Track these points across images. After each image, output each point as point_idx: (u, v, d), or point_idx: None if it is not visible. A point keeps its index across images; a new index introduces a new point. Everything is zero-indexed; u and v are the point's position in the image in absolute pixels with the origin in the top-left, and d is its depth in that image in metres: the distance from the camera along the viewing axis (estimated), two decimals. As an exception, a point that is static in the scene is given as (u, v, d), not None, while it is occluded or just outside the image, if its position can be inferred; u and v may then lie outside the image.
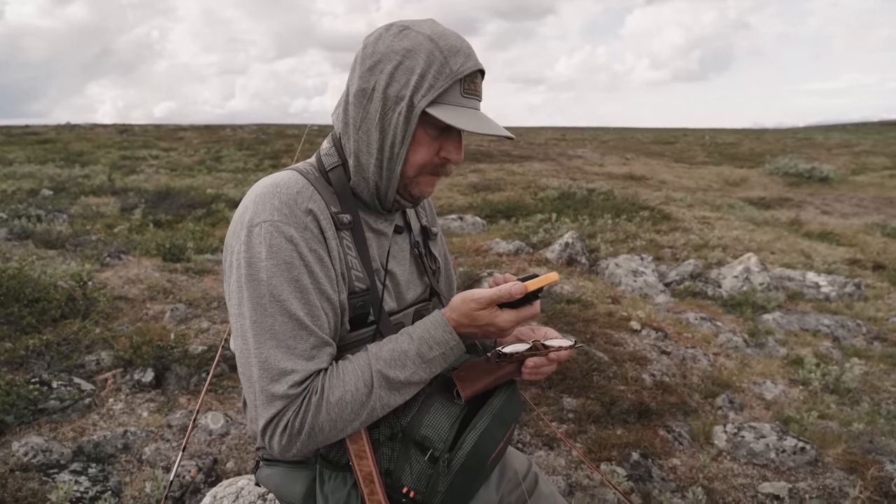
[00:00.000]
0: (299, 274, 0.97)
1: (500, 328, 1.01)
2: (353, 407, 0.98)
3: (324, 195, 1.05)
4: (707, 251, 7.10)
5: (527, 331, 1.20)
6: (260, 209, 0.99)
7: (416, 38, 1.00)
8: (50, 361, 3.40)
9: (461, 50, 1.01)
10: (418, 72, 0.98)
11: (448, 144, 1.06)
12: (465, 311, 1.01)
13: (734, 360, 4.22)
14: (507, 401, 1.11)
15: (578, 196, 10.39)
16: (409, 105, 0.99)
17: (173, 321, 4.24)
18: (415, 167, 1.05)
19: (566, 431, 3.11)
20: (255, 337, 0.96)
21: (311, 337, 0.98)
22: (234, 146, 19.12)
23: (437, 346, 1.01)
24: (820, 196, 13.26)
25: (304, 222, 1.00)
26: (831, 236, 8.84)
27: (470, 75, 1.02)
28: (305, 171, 1.08)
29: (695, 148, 24.32)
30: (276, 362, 0.95)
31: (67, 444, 2.72)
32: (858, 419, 3.32)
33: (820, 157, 19.96)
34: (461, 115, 1.00)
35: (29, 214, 7.27)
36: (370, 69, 1.01)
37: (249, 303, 0.96)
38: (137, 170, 13.38)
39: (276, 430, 0.96)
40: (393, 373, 0.99)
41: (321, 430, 0.97)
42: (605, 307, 5.07)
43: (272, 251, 0.96)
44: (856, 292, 5.85)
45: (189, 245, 6.25)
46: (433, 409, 1.05)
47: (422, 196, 1.11)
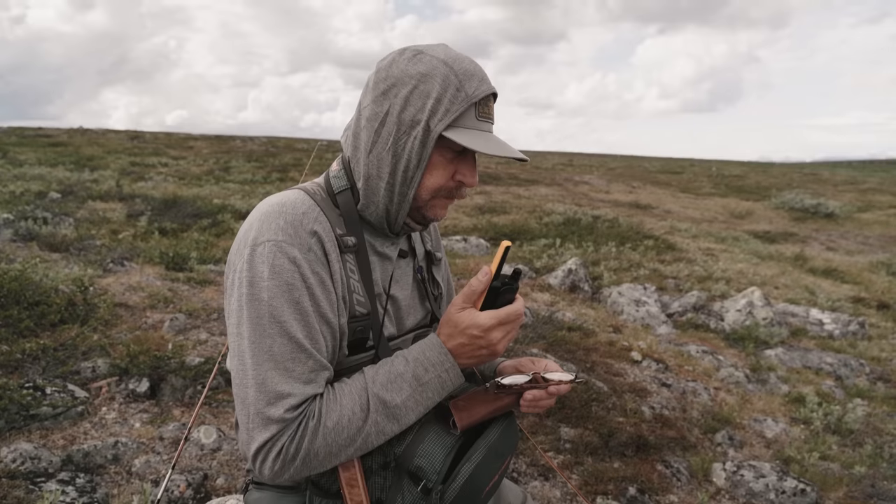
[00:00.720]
0: (300, 296, 0.96)
1: (484, 329, 0.97)
2: (349, 432, 0.95)
3: (329, 217, 1.04)
4: (711, 283, 7.07)
5: (527, 362, 1.18)
6: (265, 228, 0.98)
7: (431, 62, 1.00)
8: (45, 367, 3.38)
9: (475, 74, 1.01)
10: (434, 96, 0.98)
11: (463, 168, 1.06)
12: (447, 319, 1.00)
13: (735, 395, 4.17)
14: (503, 433, 1.09)
15: (583, 222, 10.39)
16: (426, 129, 0.98)
17: (172, 331, 4.22)
18: (430, 191, 1.05)
19: (562, 463, 3.06)
20: (252, 358, 0.94)
21: (309, 360, 0.96)
22: (243, 157, 19.25)
23: (432, 367, 0.99)
24: (825, 232, 13.24)
25: (309, 244, 0.99)
26: (836, 273, 8.80)
27: (484, 99, 1.02)
28: (313, 192, 1.08)
29: (701, 179, 24.37)
30: (273, 385, 0.93)
31: (57, 452, 2.69)
32: (861, 462, 3.26)
33: (826, 193, 19.97)
34: (477, 138, 1.00)
35: (35, 216, 7.30)
36: (384, 93, 1.01)
37: (249, 323, 0.95)
38: (146, 177, 13.46)
39: (270, 454, 0.93)
40: (389, 396, 0.97)
41: (316, 455, 0.95)
42: (606, 336, 5.03)
43: (274, 271, 0.95)
44: (860, 331, 5.80)
45: (192, 255, 6.25)
46: (428, 438, 1.02)
47: (435, 219, 1.11)
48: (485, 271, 0.97)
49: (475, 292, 0.98)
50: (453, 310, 1.00)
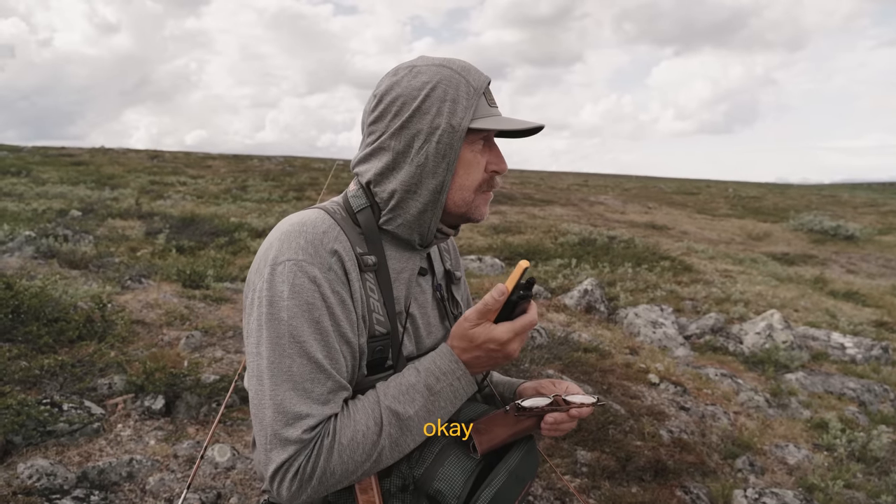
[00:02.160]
0: (320, 315, 0.96)
1: (502, 343, 0.97)
2: (364, 448, 0.94)
3: (350, 235, 1.04)
4: (729, 305, 6.98)
5: (547, 384, 1.17)
6: (285, 247, 0.98)
7: (430, 70, 1.03)
8: (63, 383, 3.40)
9: (471, 68, 1.05)
10: (449, 97, 1.00)
11: (493, 157, 1.08)
12: (461, 334, 0.99)
13: (755, 420, 4.09)
14: (524, 457, 1.07)
15: (599, 243, 10.34)
16: (450, 129, 1.00)
17: (188, 348, 4.24)
18: (471, 189, 1.06)
19: (579, 486, 3.01)
20: (271, 378, 0.94)
21: (328, 381, 0.95)
22: (260, 177, 19.47)
23: (443, 376, 0.99)
24: (845, 254, 13.05)
25: (329, 263, 0.98)
26: (857, 296, 8.65)
27: (486, 88, 1.06)
28: (332, 211, 1.07)
29: (718, 200, 24.21)
30: (291, 406, 0.93)
31: (72, 468, 2.69)
32: (887, 491, 3.17)
33: (846, 215, 19.73)
34: (501, 122, 1.04)
35: (56, 234, 7.42)
36: (396, 114, 1.02)
37: (268, 342, 0.95)
38: (165, 195, 13.65)
39: (287, 475, 0.92)
40: (402, 408, 0.96)
41: (332, 474, 0.94)
42: (623, 358, 4.97)
43: (294, 291, 0.95)
44: (883, 356, 5.68)
45: (209, 272, 6.30)
46: (448, 461, 1.01)
47: (482, 218, 1.12)
48: (501, 290, 0.96)
49: (490, 311, 0.97)
50: (466, 325, 0.99)
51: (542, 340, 4.97)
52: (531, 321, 0.99)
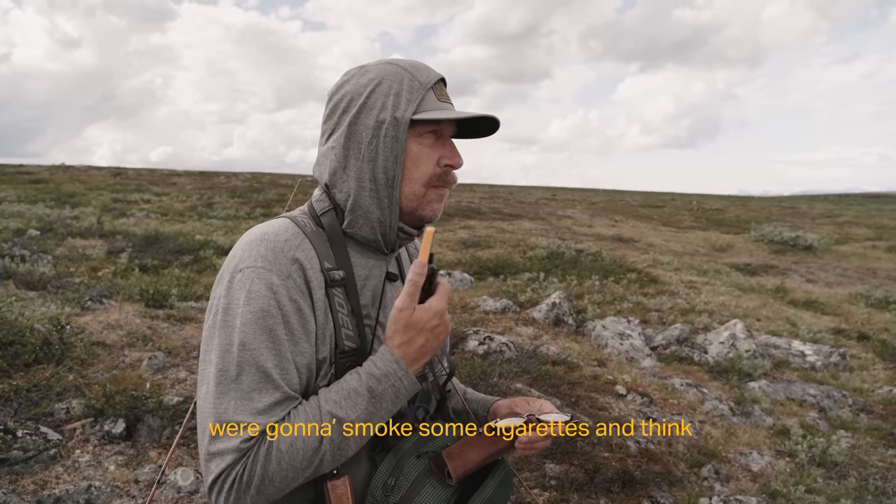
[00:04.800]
0: (274, 324, 0.94)
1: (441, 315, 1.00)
2: (304, 454, 0.92)
3: (318, 248, 1.03)
4: (693, 316, 7.11)
5: (522, 403, 1.17)
6: (246, 255, 0.98)
7: (377, 67, 1.06)
8: (17, 408, 3.29)
9: (421, 65, 1.07)
10: (393, 91, 1.02)
11: (445, 151, 1.08)
12: (404, 325, 0.99)
13: (720, 428, 4.16)
14: (499, 486, 1.07)
15: (567, 256, 10.46)
16: (394, 122, 1.01)
17: (150, 370, 4.14)
18: (420, 182, 1.05)
19: (548, 500, 3.02)
20: (216, 386, 0.92)
21: (276, 392, 0.93)
22: (226, 193, 19.22)
23: (384, 378, 0.97)
24: (804, 264, 13.43)
25: (289, 271, 0.97)
26: (816, 305, 8.90)
27: (437, 85, 1.07)
28: (301, 223, 1.07)
29: (682, 213, 24.73)
30: (232, 415, 0.90)
31: (27, 497, 2.60)
32: (846, 495, 3.25)
33: (804, 226, 20.33)
34: (444, 113, 1.04)
35: (13, 254, 7.19)
36: (344, 111, 1.05)
37: (218, 349, 0.93)
38: (128, 213, 13.37)
39: (224, 485, 0.90)
40: (344, 413, 0.94)
41: (271, 481, 0.91)
42: (590, 370, 5.02)
43: (250, 298, 0.94)
44: (841, 362, 5.84)
45: (173, 291, 6.17)
46: (424, 491, 0.99)
47: (434, 216, 1.10)
48: (421, 264, 0.98)
49: (418, 287, 0.98)
50: (405, 314, 0.98)
51: (511, 354, 4.99)
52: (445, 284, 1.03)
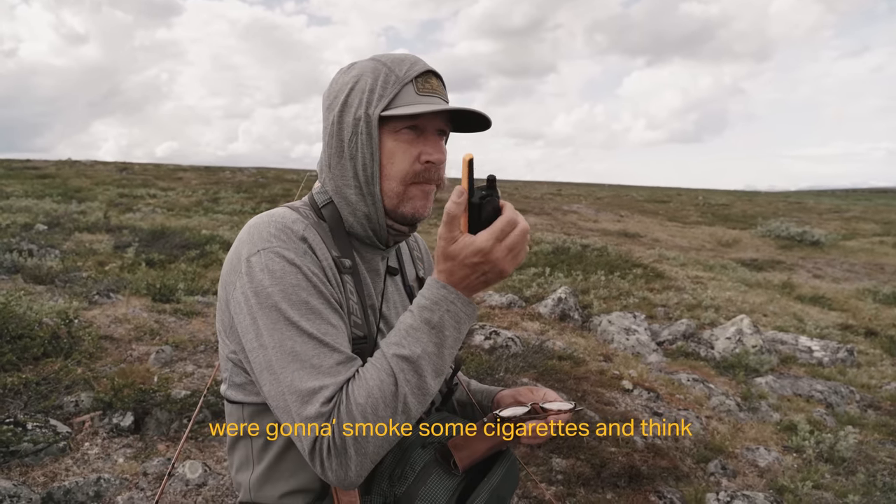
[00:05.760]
0: (308, 295, 0.94)
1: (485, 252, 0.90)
2: (384, 401, 0.89)
3: (324, 238, 1.04)
4: (700, 311, 7.09)
5: (525, 392, 1.17)
6: (256, 239, 0.98)
7: (361, 64, 1.06)
8: (27, 401, 3.31)
9: (405, 59, 1.05)
10: (368, 87, 1.02)
11: (427, 147, 1.05)
12: (440, 256, 0.93)
13: (727, 423, 4.15)
14: (505, 475, 1.07)
15: (572, 251, 10.44)
16: (367, 119, 1.01)
17: (158, 363, 4.16)
18: (397, 179, 1.04)
19: (555, 493, 3.02)
20: (279, 364, 0.91)
21: (334, 353, 0.93)
22: (232, 188, 19.27)
23: (436, 306, 0.93)
24: (811, 260, 13.37)
25: (302, 248, 0.98)
26: (823, 300, 8.86)
27: (421, 77, 1.04)
28: (302, 212, 1.07)
29: (688, 208, 24.64)
30: (303, 383, 0.90)
31: (37, 489, 2.61)
32: (854, 491, 3.24)
33: (811, 222, 20.23)
34: (414, 108, 1.01)
35: (21, 249, 7.23)
36: (329, 108, 1.07)
37: (266, 331, 0.93)
38: (134, 208, 13.41)
39: (323, 454, 0.88)
40: (409, 350, 0.91)
41: (364, 438, 0.89)
42: (596, 365, 5.01)
43: (275, 276, 0.94)
44: (848, 358, 5.82)
45: (180, 286, 6.19)
46: (430, 481, 0.99)
47: (416, 215, 1.07)
48: (458, 191, 0.89)
49: (455, 217, 0.90)
50: (443, 244, 0.92)
51: (517, 349, 4.99)
52: (509, 220, 0.90)
